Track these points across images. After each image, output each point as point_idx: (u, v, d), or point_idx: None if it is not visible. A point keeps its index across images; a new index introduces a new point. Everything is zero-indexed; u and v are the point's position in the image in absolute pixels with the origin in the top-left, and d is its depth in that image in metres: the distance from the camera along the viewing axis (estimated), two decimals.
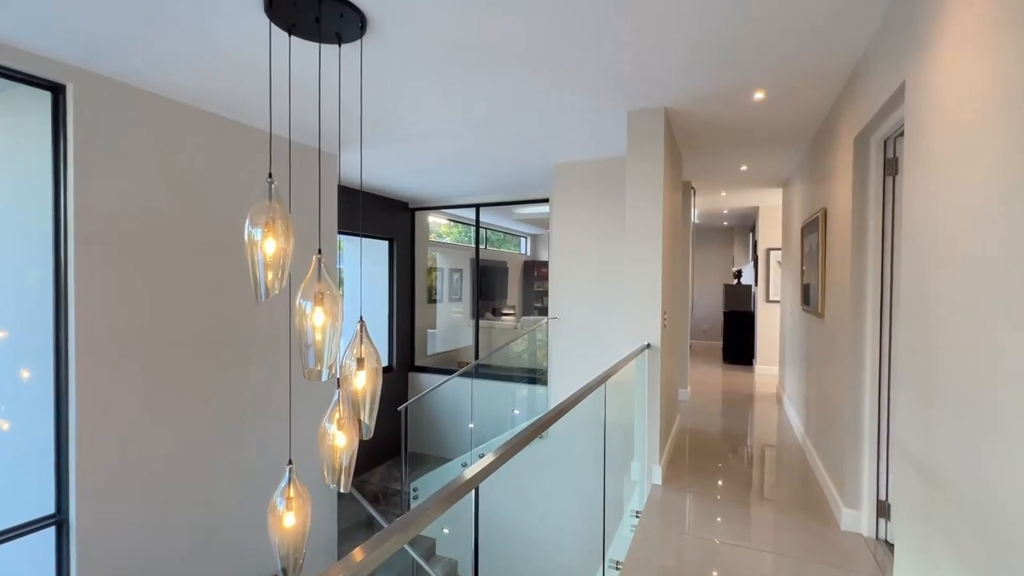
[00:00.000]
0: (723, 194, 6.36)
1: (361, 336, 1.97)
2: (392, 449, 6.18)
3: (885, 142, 2.39)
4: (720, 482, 3.24)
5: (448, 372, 6.32)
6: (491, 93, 2.86)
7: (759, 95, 2.88)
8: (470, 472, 1.00)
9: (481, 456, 3.69)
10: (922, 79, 1.66)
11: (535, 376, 5.92)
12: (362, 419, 2.04)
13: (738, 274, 8.94)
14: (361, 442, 2.04)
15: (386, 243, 6.48)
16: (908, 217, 1.77)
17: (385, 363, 6.38)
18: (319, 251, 1.84)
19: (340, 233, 4.22)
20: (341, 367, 1.99)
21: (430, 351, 7.19)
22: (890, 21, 2.00)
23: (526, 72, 2.58)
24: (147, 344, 2.81)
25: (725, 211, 7.88)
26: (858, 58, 2.42)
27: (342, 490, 2.12)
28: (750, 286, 8.24)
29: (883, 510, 2.41)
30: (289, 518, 2.07)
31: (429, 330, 7.26)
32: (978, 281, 1.25)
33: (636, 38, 2.25)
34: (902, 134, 2.27)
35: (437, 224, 8.07)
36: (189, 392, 3.01)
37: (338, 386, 1.98)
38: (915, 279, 1.69)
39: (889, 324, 2.40)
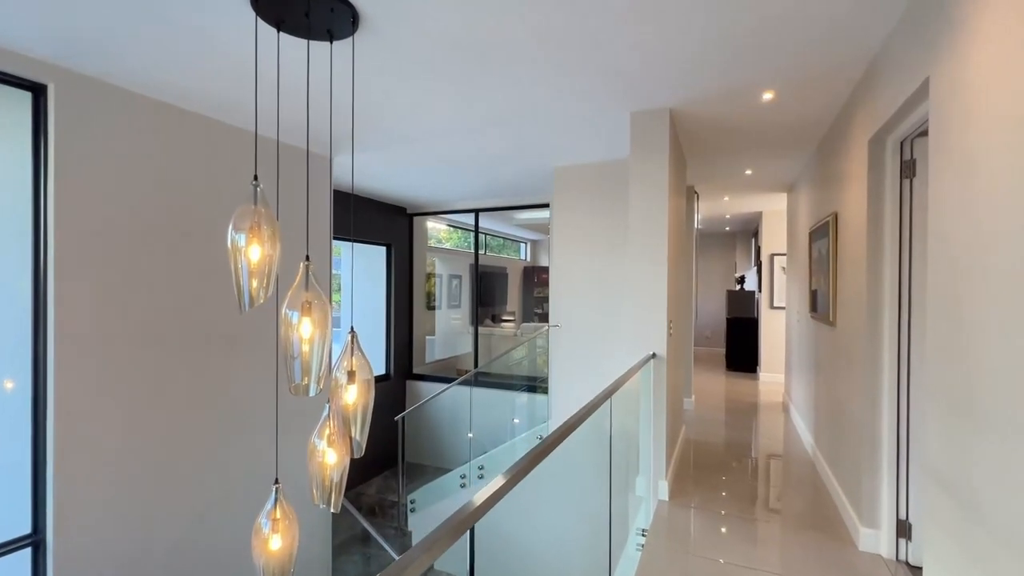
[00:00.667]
0: (726, 199, 6.27)
1: (352, 348, 1.85)
2: (389, 459, 6.05)
3: (902, 143, 2.29)
4: (730, 498, 3.11)
5: (447, 380, 6.20)
6: (490, 93, 2.76)
7: (768, 95, 2.79)
8: (475, 501, 0.91)
9: (480, 468, 3.54)
10: (949, 74, 1.56)
11: (535, 384, 5.80)
12: (353, 436, 1.93)
13: (741, 280, 8.83)
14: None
15: (384, 249, 6.37)
16: (935, 223, 1.66)
17: (383, 371, 6.26)
18: (307, 258, 1.73)
19: (335, 239, 4.12)
20: (331, 380, 1.88)
21: (428, 359, 7.07)
22: (911, 14, 1.90)
23: (526, 71, 2.49)
24: (132, 352, 2.69)
25: (728, 216, 7.79)
26: (874, 55, 2.32)
27: (332, 510, 2.01)
28: (753, 292, 8.13)
29: (904, 530, 2.29)
30: (275, 541, 1.95)
31: (428, 337, 7.14)
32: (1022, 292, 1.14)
33: (640, 36, 2.15)
34: (921, 134, 2.18)
35: (436, 230, 7.97)
36: (177, 401, 2.89)
37: (328, 401, 1.86)
38: (945, 289, 1.58)
39: (907, 334, 2.29)
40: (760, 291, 7.42)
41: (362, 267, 6.44)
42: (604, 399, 1.79)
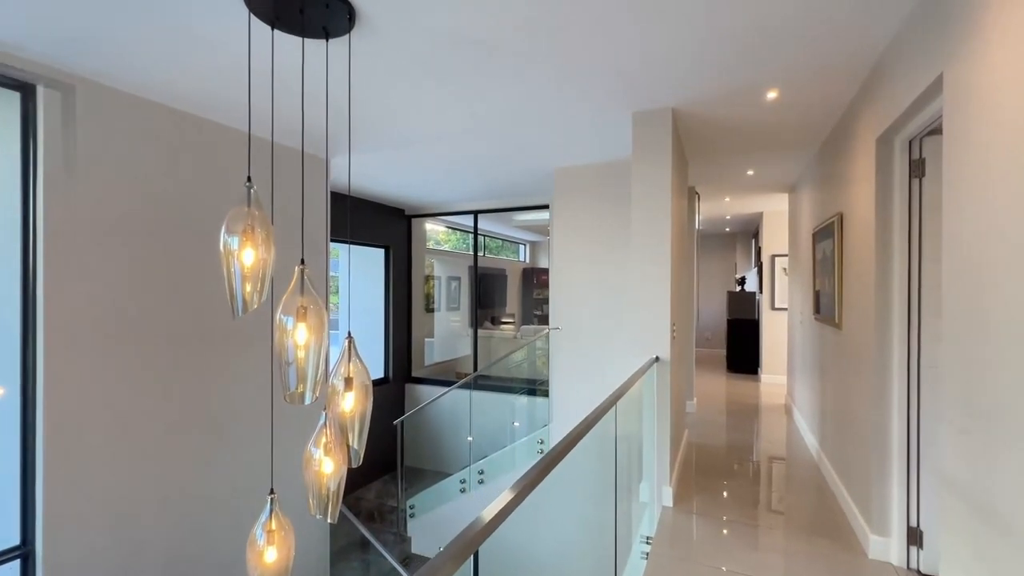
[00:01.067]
0: (727, 200, 6.23)
1: (350, 354, 1.80)
2: (388, 464, 5.99)
3: (911, 142, 2.24)
4: (735, 504, 3.05)
5: (446, 383, 6.14)
6: (490, 93, 2.71)
7: (772, 94, 2.74)
8: (481, 520, 0.86)
9: (481, 473, 3.44)
10: (965, 70, 1.51)
11: (536, 387, 5.74)
12: (351, 444, 1.87)
13: (741, 281, 8.79)
14: None
15: (382, 251, 6.31)
16: (950, 224, 1.61)
17: (381, 374, 6.20)
18: (302, 261, 1.67)
19: (333, 241, 4.06)
20: (328, 387, 1.82)
21: (428, 361, 7.01)
22: (923, 9, 1.85)
23: (526, 71, 2.43)
24: (123, 359, 2.63)
25: (728, 217, 7.75)
26: (882, 51, 2.27)
27: (329, 520, 1.95)
28: (754, 293, 8.09)
29: (915, 537, 2.24)
30: (271, 553, 1.89)
31: (427, 339, 7.09)
32: None
33: (641, 35, 2.10)
34: (930, 133, 2.13)
35: (435, 231, 7.92)
36: (170, 409, 2.83)
37: (325, 408, 1.81)
38: (961, 293, 1.52)
39: (918, 336, 2.24)
40: (761, 292, 7.38)
41: (360, 269, 6.38)
42: (609, 406, 1.74)
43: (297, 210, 3.36)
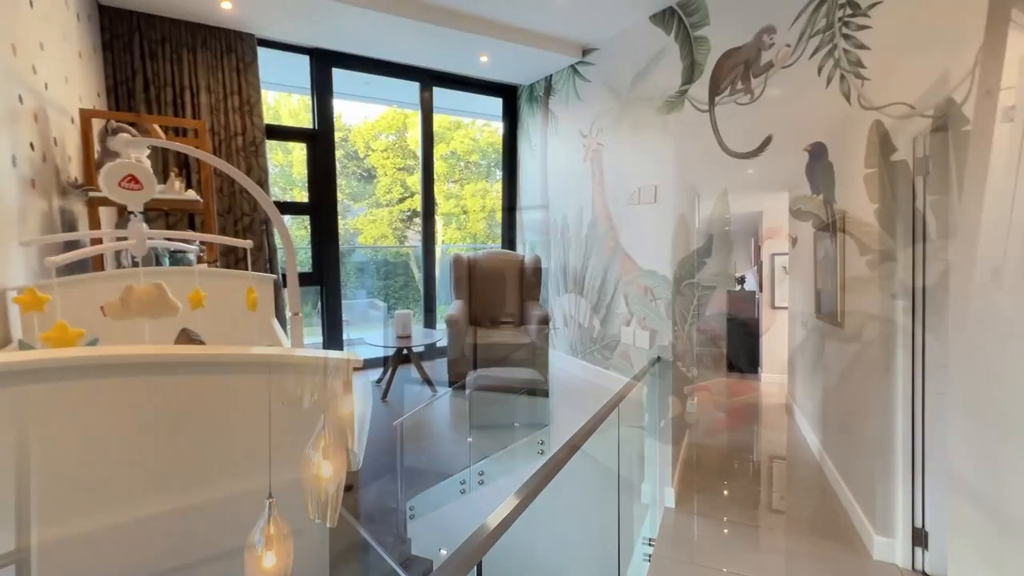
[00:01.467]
0: (727, 198, 6.20)
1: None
2: (388, 465, 5.96)
3: (915, 139, 2.22)
4: (738, 505, 3.03)
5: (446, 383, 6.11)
6: None
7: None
8: (485, 527, 0.83)
9: (481, 474, 3.41)
10: (974, 66, 1.49)
11: (536, 387, 5.71)
12: (349, 447, 1.85)
13: (741, 280, 8.77)
14: None
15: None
16: (960, 223, 1.59)
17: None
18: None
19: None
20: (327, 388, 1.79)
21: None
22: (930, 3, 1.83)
23: None
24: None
25: (727, 216, 7.72)
26: (885, 47, 2.25)
27: (328, 524, 1.93)
28: (754, 292, 8.07)
29: (920, 538, 2.22)
30: (269, 558, 1.87)
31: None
32: None
33: None
34: (935, 130, 2.11)
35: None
36: (170, 405, 2.79)
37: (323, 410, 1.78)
38: (969, 292, 1.50)
39: (922, 335, 2.22)
40: (761, 291, 7.35)
41: None
42: (612, 408, 1.72)
43: None
